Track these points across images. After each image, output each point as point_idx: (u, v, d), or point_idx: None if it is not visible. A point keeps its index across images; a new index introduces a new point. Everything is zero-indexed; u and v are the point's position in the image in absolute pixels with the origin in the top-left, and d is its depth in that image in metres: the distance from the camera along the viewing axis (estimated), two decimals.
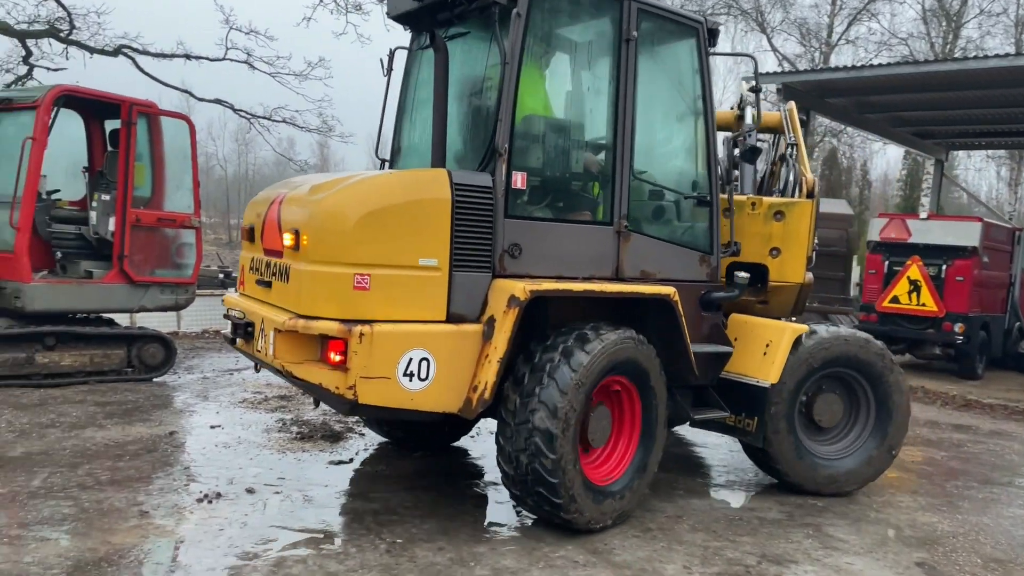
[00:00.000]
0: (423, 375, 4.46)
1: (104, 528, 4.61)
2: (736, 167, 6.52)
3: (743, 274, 5.71)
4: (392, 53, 5.82)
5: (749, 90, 6.22)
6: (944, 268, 12.79)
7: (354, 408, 4.44)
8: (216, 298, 11.14)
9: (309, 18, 18.39)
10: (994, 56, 13.32)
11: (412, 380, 4.43)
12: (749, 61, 6.20)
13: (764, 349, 5.74)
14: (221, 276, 17.66)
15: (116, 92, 9.15)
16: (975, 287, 12.81)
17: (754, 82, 6.10)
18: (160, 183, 9.44)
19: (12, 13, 16.48)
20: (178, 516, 4.89)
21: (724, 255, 5.83)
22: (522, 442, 4.62)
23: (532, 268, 4.88)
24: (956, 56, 26.25)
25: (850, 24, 31.49)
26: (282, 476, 5.76)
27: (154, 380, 9.10)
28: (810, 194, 6.38)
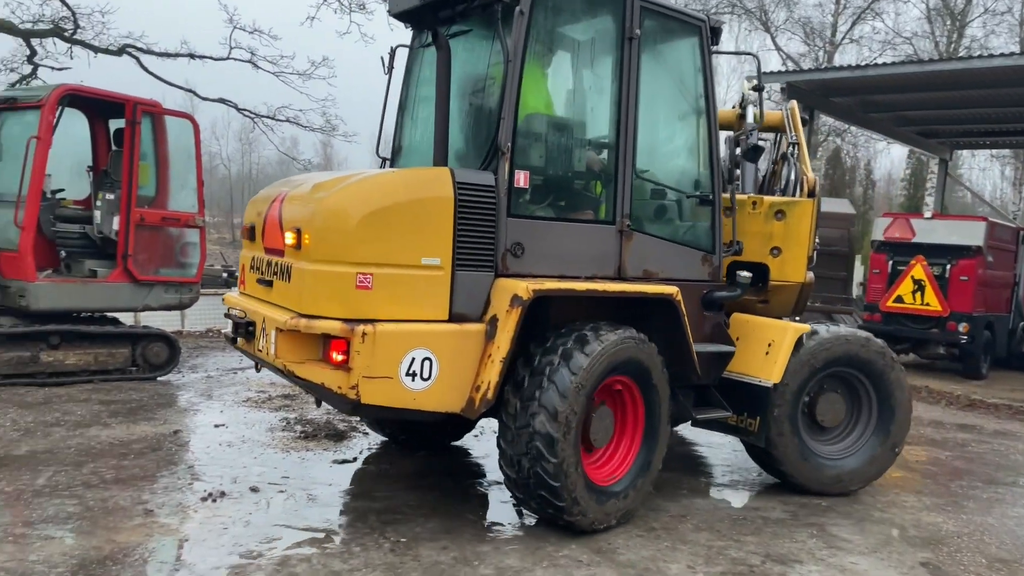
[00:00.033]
0: (426, 375, 4.44)
1: (109, 526, 4.62)
2: (737, 166, 6.52)
3: (745, 273, 5.69)
4: (393, 51, 5.80)
5: (752, 89, 6.21)
6: (948, 268, 12.77)
7: (356, 408, 4.41)
8: (220, 297, 11.15)
9: (313, 17, 18.42)
10: (999, 55, 13.30)
11: (415, 380, 4.41)
12: (752, 60, 6.18)
13: (766, 349, 5.73)
14: (225, 275, 17.73)
15: (120, 91, 9.17)
16: (979, 287, 12.79)
17: (756, 81, 6.09)
18: (164, 182, 9.45)
19: (17, 12, 16.54)
20: (182, 515, 4.90)
21: (726, 254, 5.81)
22: (523, 446, 4.60)
23: (534, 267, 4.86)
24: (960, 55, 26.21)
25: (854, 23, 31.47)
26: (286, 475, 5.77)
27: (158, 379, 9.12)
28: (811, 193, 6.37)
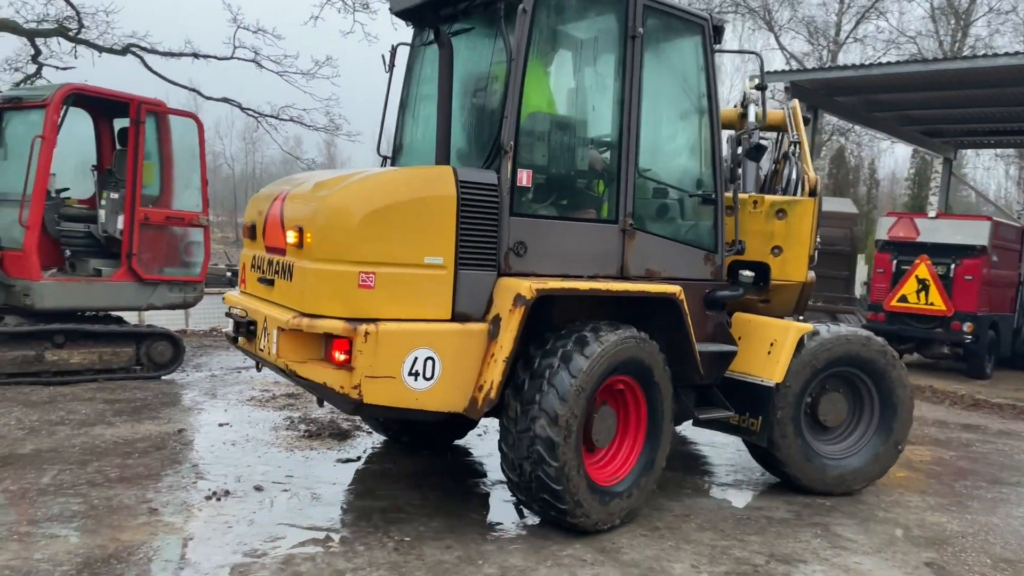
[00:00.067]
0: (428, 374, 4.42)
1: (113, 525, 4.63)
2: (739, 165, 6.51)
3: (748, 272, 5.68)
4: (394, 49, 5.76)
5: (755, 87, 6.19)
6: (953, 267, 12.74)
7: (359, 408, 4.39)
8: (224, 296, 11.17)
9: (316, 17, 18.43)
10: (1003, 54, 13.27)
11: (417, 379, 4.39)
12: (755, 59, 6.16)
13: (768, 348, 5.71)
14: (229, 274, 17.74)
15: (124, 91, 9.18)
16: (984, 286, 12.76)
17: (759, 80, 6.07)
18: (168, 181, 9.48)
19: (21, 12, 16.59)
20: (187, 513, 4.91)
21: (728, 253, 5.79)
22: (524, 450, 4.59)
23: (537, 266, 4.84)
24: (965, 54, 26.15)
25: (858, 22, 31.45)
26: (290, 474, 5.77)
27: (162, 378, 9.14)
28: (812, 192, 6.35)
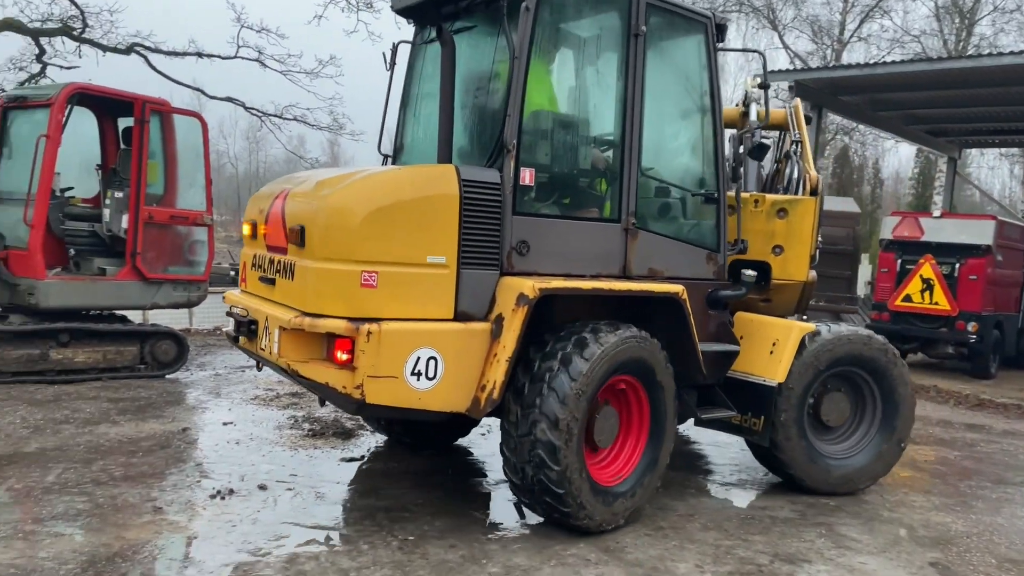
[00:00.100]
0: (431, 374, 4.40)
1: (118, 524, 4.64)
2: (740, 164, 6.50)
3: (750, 272, 5.66)
4: (395, 47, 5.74)
5: (758, 86, 6.17)
6: (957, 267, 12.71)
7: (361, 407, 4.36)
8: None
9: (320, 16, 18.45)
10: (1008, 53, 13.22)
11: (420, 379, 4.37)
12: (759, 58, 6.14)
13: (771, 348, 5.70)
14: (232, 273, 17.77)
15: (129, 90, 9.20)
16: (988, 286, 12.72)
17: (762, 78, 6.04)
18: (173, 180, 9.49)
19: (26, 12, 16.63)
20: (191, 512, 4.91)
21: (731, 253, 5.78)
22: (526, 454, 4.57)
23: (540, 265, 4.82)
24: (970, 53, 26.09)
25: (862, 21, 31.36)
26: (294, 473, 5.78)
27: (167, 377, 9.16)
28: (814, 191, 6.34)
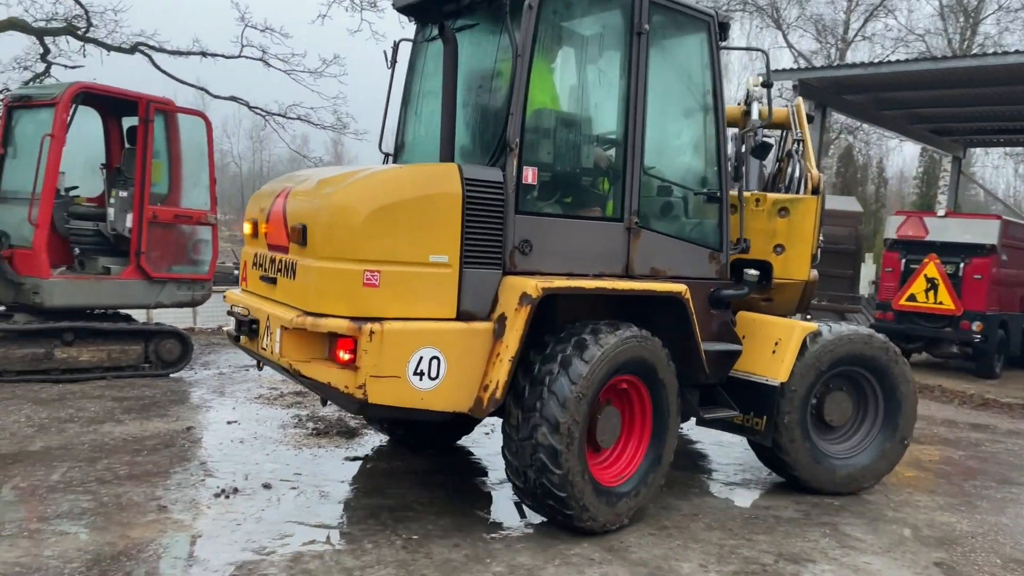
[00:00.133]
0: (433, 374, 4.38)
1: (123, 522, 4.65)
2: (742, 163, 6.48)
3: (753, 271, 5.65)
4: (396, 45, 5.72)
5: (761, 85, 6.15)
6: (962, 266, 12.67)
7: (364, 408, 4.34)
8: None
9: (324, 15, 18.44)
10: (1013, 52, 13.16)
11: (422, 379, 4.35)
12: (762, 57, 6.12)
13: (773, 347, 5.68)
14: (236, 272, 17.78)
15: (133, 89, 9.21)
16: (993, 285, 12.69)
17: (765, 77, 6.01)
18: (177, 180, 9.50)
19: (30, 11, 16.65)
20: (195, 511, 4.92)
21: (733, 252, 5.76)
22: (527, 458, 4.56)
23: (542, 265, 4.81)
24: (974, 52, 26.03)
25: (867, 20, 31.27)
26: (298, 472, 5.79)
27: (171, 376, 9.17)
28: (815, 190, 6.32)
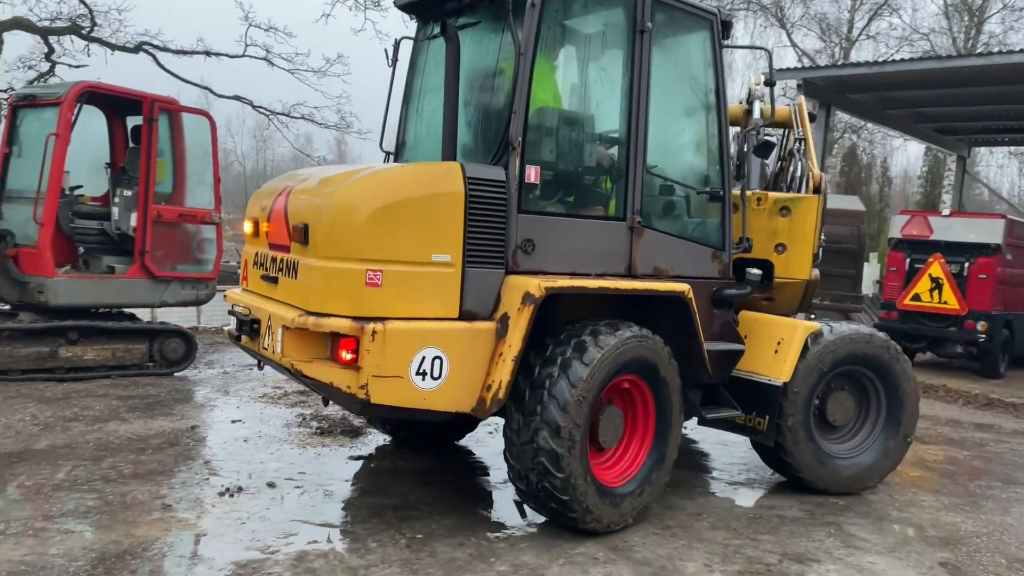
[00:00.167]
0: (436, 374, 4.36)
1: (127, 521, 4.66)
2: (743, 162, 6.46)
3: (755, 271, 5.64)
4: (397, 44, 5.70)
5: (764, 83, 6.13)
6: (967, 265, 12.64)
7: (366, 408, 4.32)
8: None
9: (328, 15, 18.44)
10: (1018, 51, 13.11)
11: (425, 379, 4.33)
12: (766, 56, 6.09)
13: (775, 347, 5.67)
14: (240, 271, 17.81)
15: (137, 89, 9.22)
16: (998, 285, 12.66)
17: (768, 75, 5.98)
18: (181, 179, 9.52)
19: (35, 10, 16.68)
20: (200, 509, 4.93)
21: (736, 251, 5.75)
22: (529, 462, 4.55)
23: (545, 264, 4.79)
24: (979, 51, 25.96)
25: (871, 19, 31.26)
26: (302, 471, 5.79)
27: (175, 374, 9.19)
28: (817, 189, 6.31)
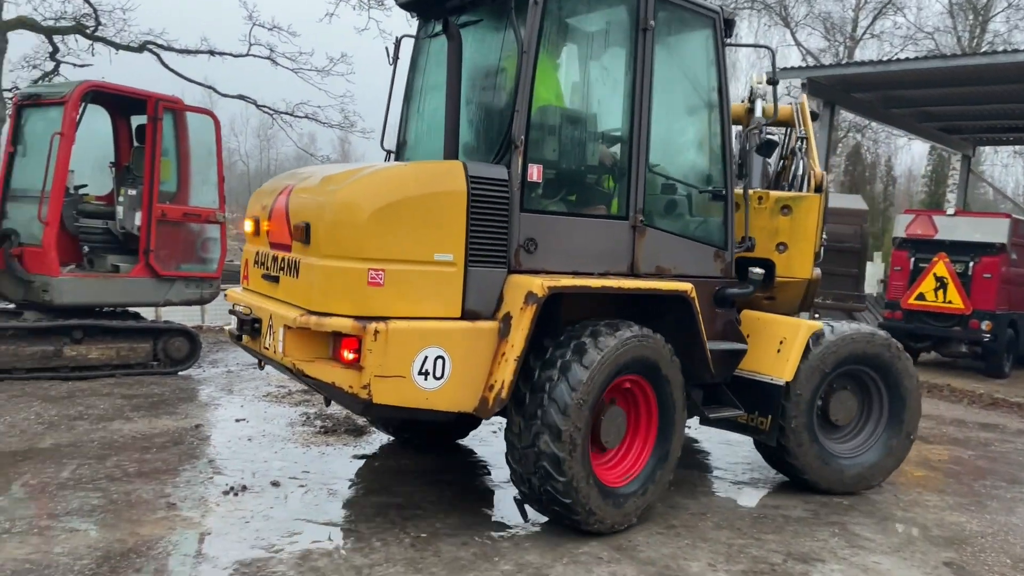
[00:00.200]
0: (438, 374, 4.34)
1: (132, 519, 4.67)
2: (746, 161, 6.44)
3: (758, 270, 5.62)
4: (398, 42, 5.68)
5: (767, 82, 6.11)
6: (971, 265, 12.60)
7: (368, 408, 4.30)
8: None
9: (332, 14, 18.50)
10: (1023, 50, 13.10)
11: (427, 379, 4.31)
12: (770, 54, 6.07)
13: (778, 346, 5.65)
14: None
15: (142, 88, 9.23)
16: (1003, 284, 12.61)
17: (771, 74, 5.96)
18: (185, 178, 9.53)
19: (39, 10, 16.73)
20: (204, 508, 4.94)
21: (739, 250, 5.73)
22: (531, 466, 4.53)
23: (547, 263, 4.77)
24: (984, 50, 25.90)
25: (875, 18, 31.17)
26: (306, 469, 5.80)
27: (179, 373, 9.20)
28: (818, 188, 6.30)
